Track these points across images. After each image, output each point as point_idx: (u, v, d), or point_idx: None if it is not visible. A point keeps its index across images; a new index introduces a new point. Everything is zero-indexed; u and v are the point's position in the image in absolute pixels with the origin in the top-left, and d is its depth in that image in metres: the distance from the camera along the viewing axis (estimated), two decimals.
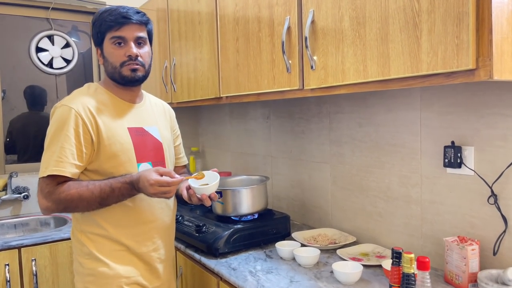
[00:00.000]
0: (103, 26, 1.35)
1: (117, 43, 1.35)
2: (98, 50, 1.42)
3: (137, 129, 1.42)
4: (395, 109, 1.62)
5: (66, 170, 1.27)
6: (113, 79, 1.40)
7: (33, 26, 2.76)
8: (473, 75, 0.95)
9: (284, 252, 1.62)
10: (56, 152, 1.27)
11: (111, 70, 1.38)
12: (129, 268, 1.38)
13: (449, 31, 0.97)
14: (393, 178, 1.65)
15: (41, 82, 2.79)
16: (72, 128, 1.28)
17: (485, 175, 1.34)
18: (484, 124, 1.33)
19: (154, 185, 1.22)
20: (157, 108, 1.58)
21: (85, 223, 1.37)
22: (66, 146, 1.27)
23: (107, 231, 1.36)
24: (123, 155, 1.35)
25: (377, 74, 1.16)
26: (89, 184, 1.27)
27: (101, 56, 1.41)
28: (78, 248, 1.39)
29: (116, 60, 1.35)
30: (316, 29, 1.37)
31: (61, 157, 1.26)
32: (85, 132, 1.30)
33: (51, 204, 1.26)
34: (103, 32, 1.36)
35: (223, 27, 1.87)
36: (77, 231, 1.40)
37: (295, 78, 1.47)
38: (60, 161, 1.26)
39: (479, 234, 1.37)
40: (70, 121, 1.29)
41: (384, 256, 1.59)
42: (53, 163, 1.26)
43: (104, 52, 1.38)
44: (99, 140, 1.32)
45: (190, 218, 1.93)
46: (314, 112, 2.00)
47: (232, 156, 2.71)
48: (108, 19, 1.33)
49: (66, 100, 1.35)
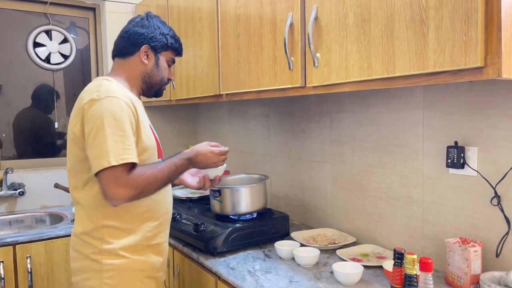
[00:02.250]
0: (174, 45, 1.49)
1: (169, 64, 1.51)
2: (149, 51, 1.44)
3: (151, 128, 1.45)
4: (398, 108, 1.60)
5: (135, 156, 1.26)
6: (147, 86, 1.48)
7: (30, 20, 2.73)
8: (481, 73, 0.93)
9: (283, 252, 1.60)
10: (121, 140, 1.24)
11: (158, 81, 1.49)
12: (147, 260, 1.39)
13: (457, 28, 0.95)
14: (394, 179, 1.63)
15: (38, 77, 2.75)
16: (128, 118, 1.27)
17: (488, 176, 1.32)
18: (488, 124, 1.32)
19: (217, 155, 1.43)
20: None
21: (109, 218, 1.33)
22: (128, 135, 1.26)
23: (132, 224, 1.36)
24: (151, 150, 1.38)
25: (381, 71, 1.15)
26: (158, 165, 1.30)
27: (151, 59, 1.45)
28: (94, 246, 1.34)
29: (165, 77, 1.50)
30: (320, 26, 1.35)
31: (129, 145, 1.25)
32: (132, 123, 1.29)
33: (130, 191, 1.22)
34: (169, 48, 1.48)
35: (224, 24, 1.85)
36: (95, 229, 1.34)
37: (297, 75, 1.45)
38: (129, 148, 1.24)
39: (482, 236, 1.35)
40: (124, 112, 1.27)
41: (385, 257, 1.58)
42: (122, 151, 1.23)
43: (160, 62, 1.47)
44: (138, 132, 1.33)
45: (188, 217, 1.91)
46: (315, 111, 1.98)
47: (231, 155, 2.67)
48: (179, 43, 1.51)
49: (107, 91, 1.28)
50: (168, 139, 2.96)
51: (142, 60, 1.43)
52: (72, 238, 1.41)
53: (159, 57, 1.46)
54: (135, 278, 1.36)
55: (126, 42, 1.43)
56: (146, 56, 1.44)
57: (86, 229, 1.36)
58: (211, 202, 1.87)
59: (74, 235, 1.40)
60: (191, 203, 2.22)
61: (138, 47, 1.42)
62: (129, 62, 1.44)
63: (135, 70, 1.45)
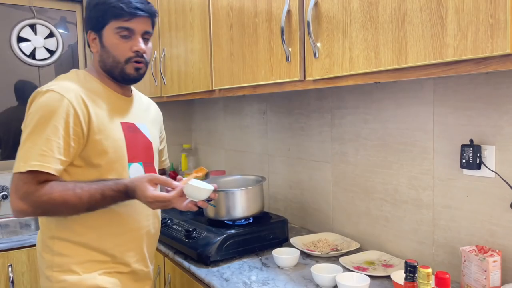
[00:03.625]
0: (109, 12, 1.18)
1: (123, 34, 1.20)
2: (92, 34, 1.25)
3: (129, 124, 1.27)
4: (405, 104, 1.47)
5: (51, 166, 1.09)
6: (110, 73, 1.25)
7: (14, 14, 2.59)
8: (510, 61, 0.80)
9: (282, 261, 1.47)
10: (40, 144, 1.08)
11: (112, 63, 1.23)
12: (109, 279, 1.22)
13: (482, 9, 0.82)
14: (401, 180, 1.50)
15: (22, 74, 2.62)
16: (63, 118, 1.11)
17: (508, 177, 1.19)
18: (508, 121, 1.19)
19: (153, 203, 1.13)
20: (146, 104, 1.45)
21: (59, 228, 1.20)
22: (53, 138, 1.09)
23: (86, 238, 1.20)
24: (114, 153, 1.20)
25: (391, 62, 1.01)
26: (76, 188, 1.10)
27: (96, 43, 1.24)
28: (47, 259, 1.20)
29: (120, 54, 1.21)
30: (320, 12, 1.21)
31: (46, 150, 1.08)
32: (76, 123, 1.13)
33: (28, 207, 1.08)
34: (107, 19, 1.19)
35: (216, 13, 1.71)
36: (46, 238, 1.21)
37: (295, 68, 1.31)
38: (45, 154, 1.08)
39: (500, 244, 1.23)
40: (60, 110, 1.11)
41: (391, 265, 1.45)
42: (35, 156, 1.07)
43: (104, 41, 1.22)
44: (89, 133, 1.16)
45: (180, 222, 1.78)
46: (315, 107, 1.85)
47: (226, 154, 2.56)
48: (117, 5, 1.17)
49: (54, 85, 1.16)
50: None
51: (92, 48, 1.26)
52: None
53: (102, 36, 1.22)
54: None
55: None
56: (93, 41, 1.25)
57: (41, 238, 1.24)
58: None
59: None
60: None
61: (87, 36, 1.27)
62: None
63: (94, 61, 1.29)
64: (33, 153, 1.08)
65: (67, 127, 1.11)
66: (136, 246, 1.29)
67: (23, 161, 1.08)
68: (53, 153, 1.09)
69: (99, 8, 1.20)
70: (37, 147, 1.08)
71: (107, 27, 1.20)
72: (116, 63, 1.22)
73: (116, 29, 1.20)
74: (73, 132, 1.13)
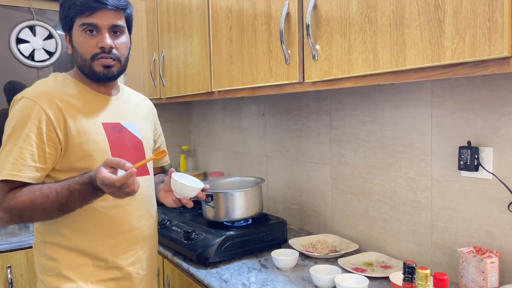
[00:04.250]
0: (72, 10, 1.15)
1: (88, 30, 1.15)
2: (66, 36, 1.22)
3: (113, 125, 1.24)
4: (403, 105, 1.48)
5: (23, 174, 1.08)
6: (83, 72, 1.22)
7: (13, 16, 2.59)
8: (508, 64, 0.81)
9: (281, 262, 1.47)
10: (13, 153, 1.08)
11: (81, 62, 1.19)
12: (103, 286, 1.21)
13: (479, 12, 0.82)
14: (400, 181, 1.51)
15: (21, 75, 2.62)
16: (34, 125, 1.10)
17: (505, 179, 1.20)
18: (505, 123, 1.20)
19: (105, 186, 1.00)
20: (136, 101, 1.41)
21: (49, 233, 1.19)
22: (25, 147, 1.09)
23: (75, 242, 1.18)
24: (97, 155, 1.17)
25: (390, 64, 1.02)
26: (43, 188, 1.07)
27: (69, 43, 1.21)
28: (41, 264, 1.20)
29: (86, 52, 1.17)
30: (319, 15, 1.22)
31: (17, 159, 1.08)
32: (49, 129, 1.12)
33: (3, 214, 1.07)
34: (72, 17, 1.16)
35: (215, 15, 1.72)
36: (40, 243, 1.21)
37: (294, 70, 1.32)
38: (16, 163, 1.07)
39: (498, 245, 1.24)
40: (32, 118, 1.10)
41: (390, 266, 1.46)
42: (8, 166, 1.07)
43: (73, 40, 1.19)
44: (67, 138, 1.13)
45: (179, 223, 1.78)
46: (313, 108, 1.86)
47: (225, 155, 2.56)
48: (78, 2, 1.13)
49: (28, 92, 1.15)
50: None
51: (68, 50, 1.23)
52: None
53: (72, 35, 1.19)
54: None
55: None
56: (68, 42, 1.21)
57: (36, 244, 1.23)
58: (203, 208, 1.75)
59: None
60: (183, 207, 2.08)
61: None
62: None
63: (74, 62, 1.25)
64: (7, 162, 1.08)
65: (39, 133, 1.10)
66: (129, 249, 1.25)
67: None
68: (25, 161, 1.08)
69: (64, 7, 1.17)
70: (11, 156, 1.08)
71: (74, 25, 1.17)
72: (84, 61, 1.18)
73: (80, 26, 1.15)
74: (47, 138, 1.11)
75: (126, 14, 1.23)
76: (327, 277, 1.31)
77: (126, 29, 1.24)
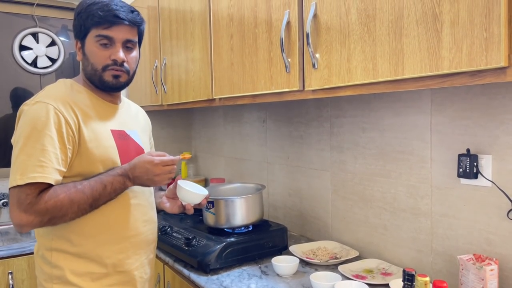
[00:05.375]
0: (89, 20, 1.18)
1: (103, 43, 1.19)
2: (78, 43, 1.24)
3: (119, 132, 1.26)
4: (403, 113, 1.49)
5: (51, 176, 1.07)
6: (91, 81, 1.25)
7: (16, 23, 2.61)
8: (505, 74, 0.82)
9: (281, 269, 1.48)
10: (36, 155, 1.07)
11: (91, 71, 1.22)
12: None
13: (476, 23, 0.84)
14: (400, 188, 1.51)
15: (24, 82, 2.63)
16: (54, 127, 1.10)
17: (504, 186, 1.21)
18: (504, 131, 1.21)
19: (159, 165, 1.15)
20: (135, 111, 1.45)
21: (55, 239, 1.19)
22: (49, 148, 1.08)
23: (83, 248, 1.18)
24: (107, 160, 1.19)
25: (388, 73, 1.03)
26: (77, 185, 1.10)
27: (80, 51, 1.25)
28: (45, 272, 1.20)
29: (98, 62, 1.20)
30: (319, 24, 1.23)
31: (44, 161, 1.07)
32: (67, 132, 1.12)
33: (34, 218, 1.06)
34: (88, 27, 1.19)
35: (216, 23, 1.74)
36: (44, 250, 1.21)
37: (294, 78, 1.33)
38: (43, 165, 1.06)
39: (497, 252, 1.24)
40: (50, 120, 1.10)
41: (390, 273, 1.46)
42: (32, 168, 1.06)
43: (85, 48, 1.22)
44: (80, 142, 1.15)
45: (180, 230, 1.79)
46: (314, 115, 1.87)
47: (226, 161, 2.57)
48: (96, 14, 1.16)
49: (41, 96, 1.15)
50: (161, 145, 2.84)
51: (77, 57, 1.25)
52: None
53: (84, 44, 1.22)
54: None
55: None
56: (79, 49, 1.24)
57: (39, 251, 1.23)
58: (203, 214, 1.75)
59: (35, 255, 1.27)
60: (184, 214, 2.09)
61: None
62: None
63: (81, 69, 1.28)
64: (29, 165, 1.06)
65: (61, 136, 1.11)
66: (134, 253, 1.27)
67: (20, 174, 1.06)
68: (52, 163, 1.08)
69: (81, 17, 1.20)
70: (34, 158, 1.07)
71: (89, 35, 1.20)
72: (94, 71, 1.21)
73: (96, 37, 1.18)
74: (67, 140, 1.12)
75: (139, 30, 1.27)
76: (327, 284, 1.31)
77: (137, 44, 1.28)
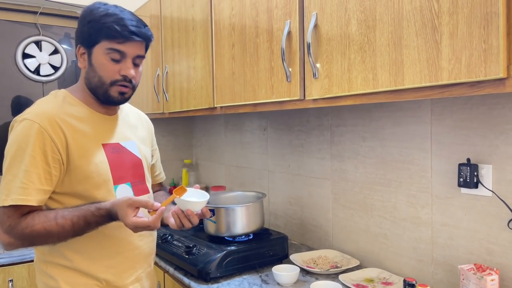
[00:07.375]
0: (103, 31, 1.13)
1: (114, 58, 1.15)
2: (81, 49, 1.19)
3: (113, 145, 1.23)
4: (403, 122, 1.49)
5: (32, 198, 1.08)
6: (94, 92, 1.21)
7: (20, 31, 2.63)
8: (504, 85, 0.82)
9: (282, 278, 1.47)
10: (19, 176, 1.07)
11: (97, 83, 1.18)
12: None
13: (475, 35, 0.85)
14: (400, 197, 1.52)
15: (27, 90, 2.65)
16: (38, 147, 1.09)
17: (505, 196, 1.21)
18: (504, 141, 1.21)
19: (135, 228, 1.08)
20: (134, 118, 1.41)
21: (50, 253, 1.18)
22: (31, 169, 1.07)
23: (76, 263, 1.17)
24: (98, 177, 1.17)
25: (388, 83, 1.04)
26: (58, 217, 1.08)
27: (85, 59, 1.19)
28: (43, 281, 1.20)
29: (107, 76, 1.16)
30: (320, 34, 1.24)
31: (26, 183, 1.07)
32: (53, 151, 1.10)
33: (14, 241, 1.08)
34: (99, 37, 1.14)
35: (218, 33, 1.75)
36: (40, 262, 1.21)
37: (295, 88, 1.34)
38: (25, 187, 1.07)
39: (498, 262, 1.24)
40: (34, 139, 1.08)
41: (391, 283, 1.46)
42: (16, 190, 1.06)
43: (92, 58, 1.17)
44: (69, 159, 1.13)
45: (180, 238, 1.79)
46: (314, 124, 1.88)
47: (226, 169, 2.57)
48: (112, 28, 1.12)
49: (28, 113, 1.13)
50: (162, 152, 2.83)
51: (79, 63, 1.21)
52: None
53: (91, 53, 1.16)
54: None
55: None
56: (81, 56, 1.20)
57: (37, 262, 1.23)
58: (204, 223, 1.75)
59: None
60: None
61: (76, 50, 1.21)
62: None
63: (81, 77, 1.23)
64: (13, 186, 1.07)
65: (45, 156, 1.09)
66: (130, 268, 1.26)
67: (5, 195, 1.07)
68: (34, 184, 1.08)
69: (92, 25, 1.15)
70: (17, 180, 1.07)
71: (98, 45, 1.15)
72: (101, 84, 1.17)
73: (107, 49, 1.14)
74: (52, 160, 1.10)
75: (147, 46, 1.25)
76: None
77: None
